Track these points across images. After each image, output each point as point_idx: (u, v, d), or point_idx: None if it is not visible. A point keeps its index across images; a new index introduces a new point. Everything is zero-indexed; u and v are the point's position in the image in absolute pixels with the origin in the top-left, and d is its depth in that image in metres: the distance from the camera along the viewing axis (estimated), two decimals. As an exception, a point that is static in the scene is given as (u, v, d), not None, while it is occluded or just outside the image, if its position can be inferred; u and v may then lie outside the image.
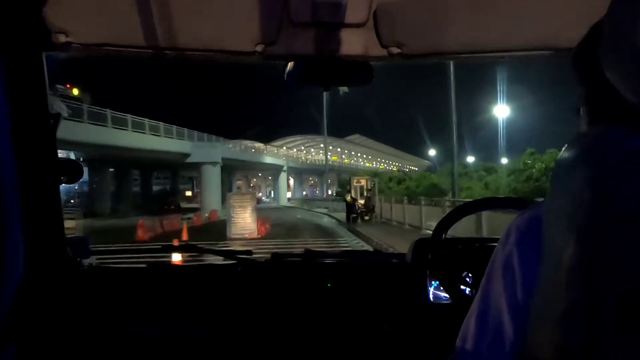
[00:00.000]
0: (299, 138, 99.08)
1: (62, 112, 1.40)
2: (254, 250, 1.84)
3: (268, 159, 68.05)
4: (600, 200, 0.55)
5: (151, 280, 1.66)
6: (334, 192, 57.99)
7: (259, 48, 1.41)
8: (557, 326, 0.57)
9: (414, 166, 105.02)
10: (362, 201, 23.61)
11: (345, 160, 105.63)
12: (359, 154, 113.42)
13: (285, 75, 1.43)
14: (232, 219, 17.12)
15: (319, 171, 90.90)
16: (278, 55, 1.44)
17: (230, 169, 65.94)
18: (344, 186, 52.44)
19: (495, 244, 0.72)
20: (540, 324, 0.60)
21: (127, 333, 1.51)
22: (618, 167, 0.56)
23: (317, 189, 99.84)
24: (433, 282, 1.50)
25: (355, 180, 27.17)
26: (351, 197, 23.47)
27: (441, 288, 1.46)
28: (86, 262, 1.64)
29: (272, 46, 1.40)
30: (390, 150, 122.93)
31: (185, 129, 39.84)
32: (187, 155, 39.65)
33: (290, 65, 1.44)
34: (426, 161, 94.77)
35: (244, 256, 1.73)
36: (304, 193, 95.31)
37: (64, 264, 1.48)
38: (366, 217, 22.63)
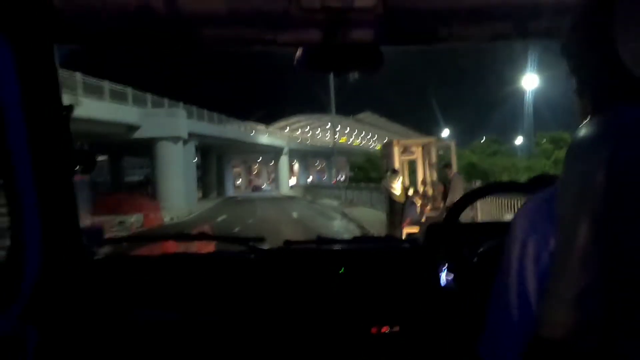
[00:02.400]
0: (303, 118, 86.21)
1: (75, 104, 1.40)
2: None
3: (264, 139, 54.86)
4: (615, 181, 0.54)
5: (165, 268, 1.64)
6: (344, 177, 45.19)
7: (267, 35, 1.38)
8: (573, 305, 0.56)
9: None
10: (428, 193, 10.16)
11: (355, 143, 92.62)
12: (369, 135, 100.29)
13: (295, 62, 1.42)
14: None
15: (326, 154, 78.67)
16: (287, 41, 1.40)
17: (221, 152, 53.26)
18: (358, 170, 40.56)
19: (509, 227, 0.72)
20: (555, 303, 0.59)
21: (140, 317, 1.50)
22: (634, 148, 0.54)
23: (325, 174, 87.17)
24: (445, 267, 1.43)
25: (400, 148, 11.12)
26: (403, 187, 9.87)
27: (453, 272, 1.40)
28: (101, 250, 1.66)
29: (280, 33, 1.36)
30: (403, 130, 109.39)
31: (128, 88, 26.24)
32: (134, 128, 26.59)
33: (299, 51, 1.42)
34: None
35: (257, 243, 1.71)
36: (309, 179, 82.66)
37: (79, 252, 1.51)
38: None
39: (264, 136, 55.72)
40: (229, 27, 1.37)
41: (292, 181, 74.81)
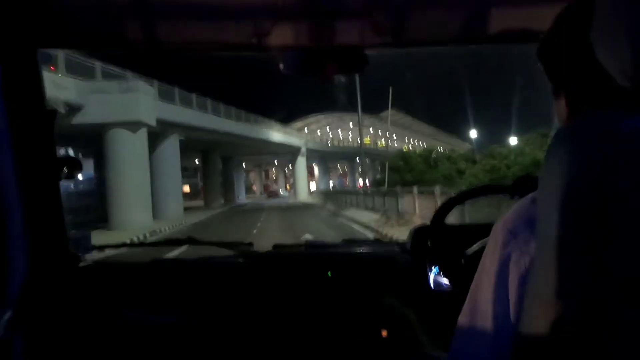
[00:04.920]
0: (323, 117, 77.23)
1: (59, 109, 1.54)
2: None
3: (277, 136, 45.67)
4: (591, 186, 0.54)
5: (153, 273, 1.62)
6: (368, 181, 36.34)
7: (254, 40, 1.37)
8: (552, 304, 0.56)
9: (450, 149, 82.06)
10: None
11: (380, 144, 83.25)
12: (394, 135, 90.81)
13: (281, 66, 1.39)
14: None
15: (349, 155, 69.49)
16: (273, 46, 1.40)
17: (228, 152, 44.40)
18: (391, 171, 32.18)
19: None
20: (534, 306, 0.59)
21: (129, 322, 1.48)
22: (610, 150, 0.54)
23: (348, 179, 78.06)
24: (433, 269, 1.42)
25: None
26: None
27: (441, 274, 1.40)
28: (88, 257, 1.61)
29: (267, 37, 1.35)
30: (429, 130, 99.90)
31: (58, 50, 16.45)
32: (72, 109, 17.45)
33: (285, 55, 1.40)
34: (467, 143, 73.07)
35: (245, 247, 1.69)
36: (330, 183, 73.54)
37: (65, 259, 1.46)
38: None
39: (278, 133, 46.49)
40: (215, 32, 1.35)
41: (312, 186, 65.83)
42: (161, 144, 24.48)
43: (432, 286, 1.36)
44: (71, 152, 26.60)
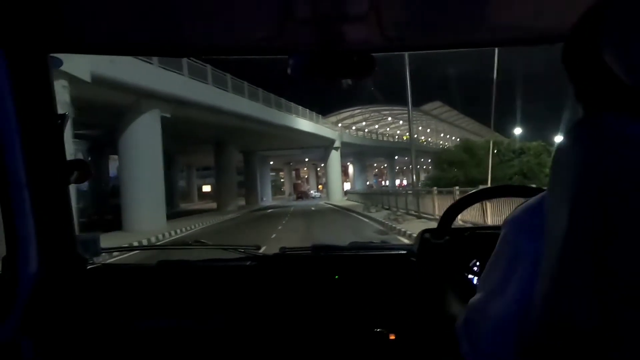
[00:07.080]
0: (358, 110, 68.59)
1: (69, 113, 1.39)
2: None
3: (306, 125, 37.30)
4: (593, 183, 0.54)
5: (161, 276, 1.61)
6: (408, 180, 28.23)
7: (261, 44, 1.39)
8: (554, 302, 0.56)
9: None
10: None
11: (421, 140, 73.96)
12: (437, 130, 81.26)
13: (288, 69, 1.40)
14: None
15: (387, 152, 60.76)
16: (280, 49, 1.42)
17: (249, 146, 36.48)
18: (449, 167, 24.83)
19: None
20: (541, 305, 0.59)
21: (137, 325, 1.47)
22: (617, 151, 0.54)
23: (387, 178, 69.34)
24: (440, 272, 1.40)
25: None
26: None
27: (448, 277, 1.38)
28: (97, 260, 1.61)
29: (274, 41, 1.37)
30: (472, 126, 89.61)
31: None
32: None
33: (292, 59, 1.40)
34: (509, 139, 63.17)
35: (253, 250, 1.68)
36: (367, 183, 64.93)
37: (74, 262, 1.47)
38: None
39: (308, 122, 38.19)
40: (224, 36, 1.36)
41: (346, 186, 57.49)
42: (132, 123, 16.53)
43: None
44: None
